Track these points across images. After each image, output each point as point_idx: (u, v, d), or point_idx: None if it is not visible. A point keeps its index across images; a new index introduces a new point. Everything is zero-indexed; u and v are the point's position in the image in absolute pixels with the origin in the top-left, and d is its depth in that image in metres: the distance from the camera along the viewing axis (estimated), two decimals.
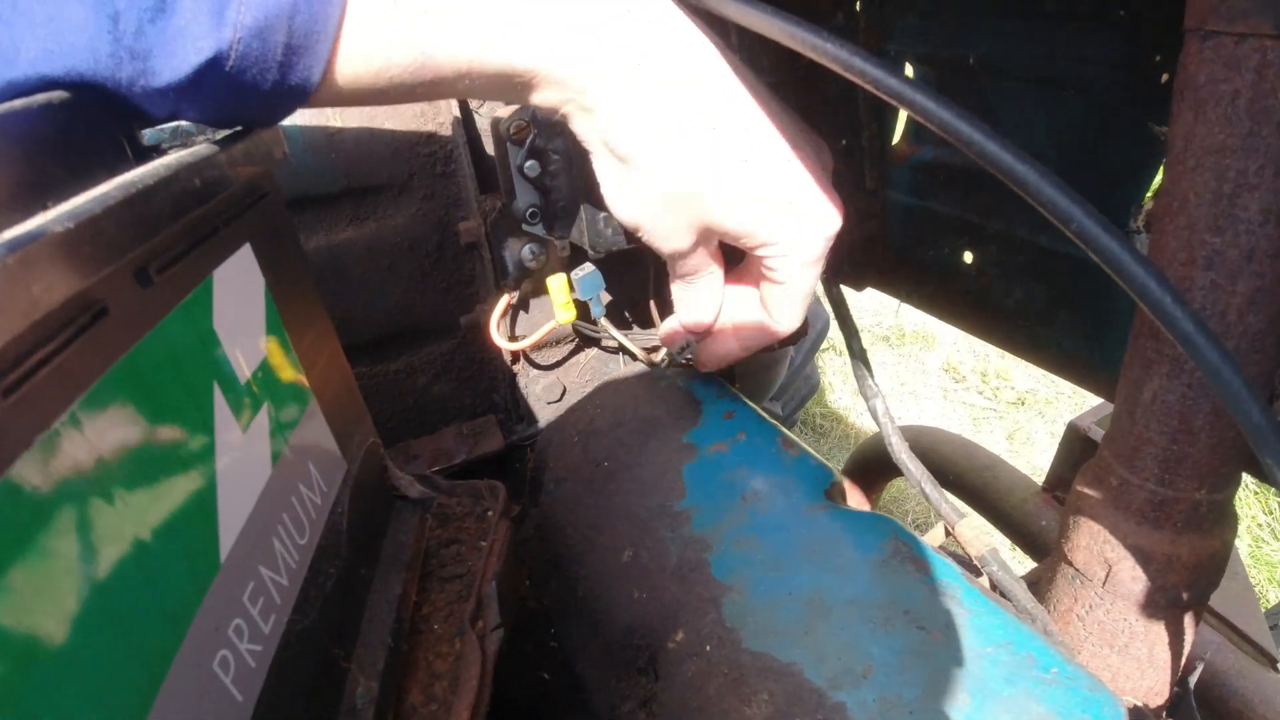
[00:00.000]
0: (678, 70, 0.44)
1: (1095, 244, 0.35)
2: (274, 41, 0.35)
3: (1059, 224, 0.36)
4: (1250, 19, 0.38)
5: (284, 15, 0.35)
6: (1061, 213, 0.36)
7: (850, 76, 0.39)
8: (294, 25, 0.35)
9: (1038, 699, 0.42)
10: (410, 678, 0.47)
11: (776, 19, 0.40)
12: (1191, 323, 0.33)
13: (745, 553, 0.53)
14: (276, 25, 0.35)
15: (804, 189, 0.49)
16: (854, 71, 0.38)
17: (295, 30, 0.35)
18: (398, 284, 0.75)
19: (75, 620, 0.25)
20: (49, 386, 0.25)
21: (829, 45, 0.39)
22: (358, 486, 0.48)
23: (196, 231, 0.35)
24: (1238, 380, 0.33)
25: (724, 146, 0.46)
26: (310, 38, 0.36)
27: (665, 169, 0.46)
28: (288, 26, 0.35)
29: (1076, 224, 0.35)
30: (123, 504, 0.28)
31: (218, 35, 0.34)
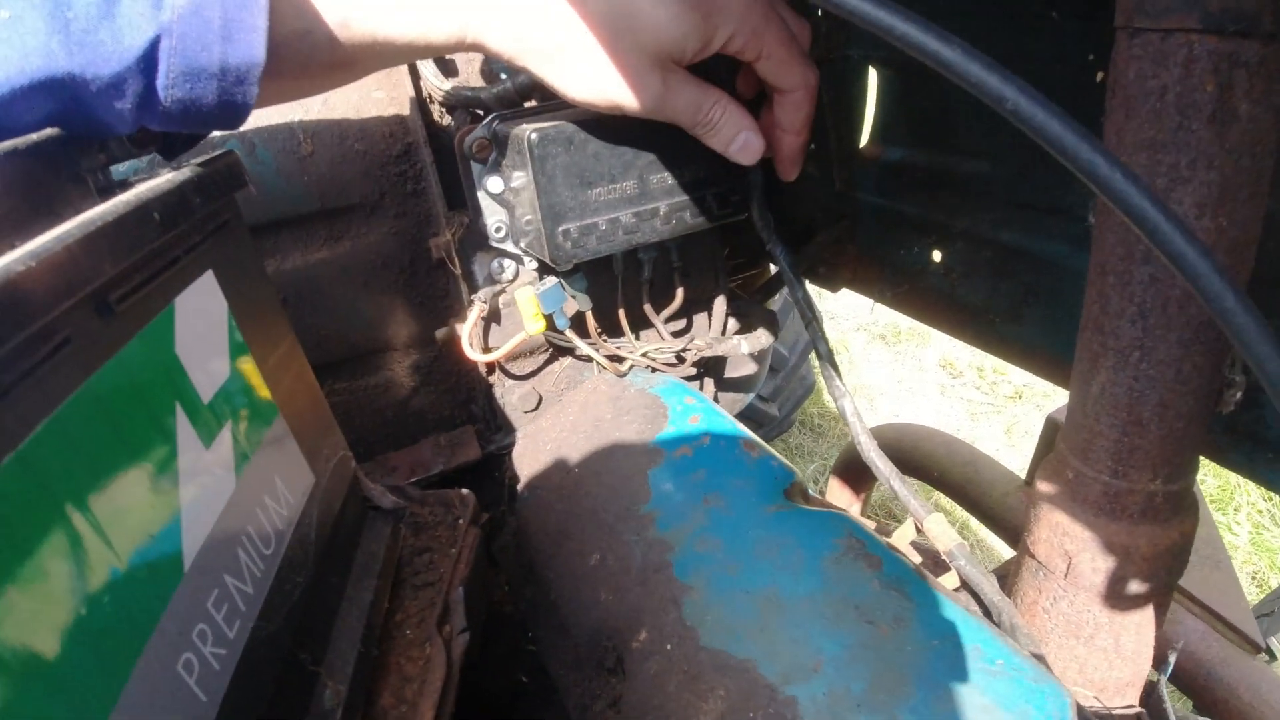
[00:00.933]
0: None
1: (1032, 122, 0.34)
2: (209, 16, 0.38)
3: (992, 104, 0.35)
4: (1176, 14, 0.39)
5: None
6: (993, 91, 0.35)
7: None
8: (227, 15, 0.38)
9: (982, 690, 0.43)
10: (383, 681, 0.48)
11: None
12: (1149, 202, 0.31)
13: (706, 553, 0.55)
14: (208, 11, 0.38)
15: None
16: None
17: (228, 4, 0.38)
18: (373, 300, 0.76)
19: (40, 628, 0.27)
20: (15, 411, 0.27)
21: None
22: (327, 499, 0.50)
23: (157, 261, 0.37)
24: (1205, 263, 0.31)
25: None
26: (243, 9, 0.39)
27: (583, 38, 0.49)
28: (220, 2, 0.38)
29: (1011, 103, 0.34)
30: (87, 521, 0.30)
31: (156, 17, 0.37)
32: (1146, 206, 0.31)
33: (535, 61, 0.50)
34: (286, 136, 0.69)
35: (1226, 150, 0.41)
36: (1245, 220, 0.44)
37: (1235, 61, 0.39)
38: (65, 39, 0.36)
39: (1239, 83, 0.40)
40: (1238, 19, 0.38)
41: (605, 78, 0.50)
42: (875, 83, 0.87)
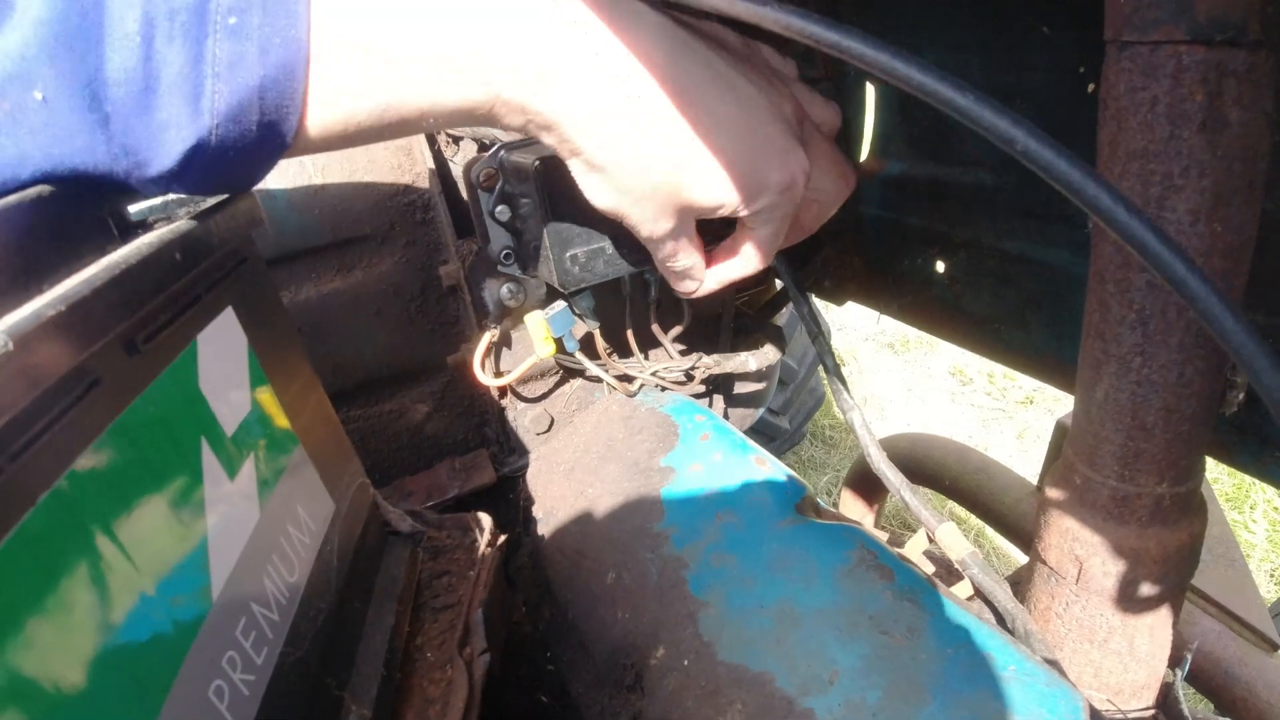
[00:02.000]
0: (628, 74, 0.46)
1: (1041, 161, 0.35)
2: (248, 121, 0.38)
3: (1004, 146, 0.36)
4: (1163, 26, 0.40)
5: (254, 95, 0.38)
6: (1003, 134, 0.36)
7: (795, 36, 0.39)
8: (265, 103, 0.38)
9: (996, 696, 0.44)
10: (406, 704, 0.49)
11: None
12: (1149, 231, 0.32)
13: (720, 568, 0.55)
14: (249, 106, 0.38)
15: (767, 156, 0.52)
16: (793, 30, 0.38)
17: (266, 107, 0.39)
18: (385, 328, 0.78)
19: (78, 659, 0.28)
20: (50, 451, 0.28)
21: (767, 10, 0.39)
22: (347, 525, 0.51)
23: (180, 301, 0.39)
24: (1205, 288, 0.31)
25: (684, 135, 0.48)
26: (280, 110, 0.39)
27: (633, 169, 0.49)
28: (259, 105, 0.38)
29: (1021, 144, 0.35)
30: (120, 552, 0.31)
31: (197, 124, 0.37)
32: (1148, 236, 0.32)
33: (578, 167, 0.50)
34: (297, 170, 0.71)
35: (1218, 157, 0.42)
36: (1240, 225, 0.44)
37: (1223, 70, 0.40)
38: (105, 135, 0.36)
39: (1228, 91, 0.41)
40: (1224, 29, 0.39)
41: (631, 204, 0.51)
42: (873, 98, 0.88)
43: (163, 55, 0.36)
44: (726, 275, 0.62)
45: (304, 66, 0.39)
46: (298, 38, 0.38)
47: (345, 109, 0.41)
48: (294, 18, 0.38)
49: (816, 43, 0.38)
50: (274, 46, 0.37)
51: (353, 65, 0.41)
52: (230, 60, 0.37)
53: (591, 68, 0.46)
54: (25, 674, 0.26)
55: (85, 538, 0.30)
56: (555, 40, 0.45)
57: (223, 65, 0.37)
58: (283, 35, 0.38)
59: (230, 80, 0.37)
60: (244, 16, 0.37)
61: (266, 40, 0.37)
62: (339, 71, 0.40)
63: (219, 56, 0.36)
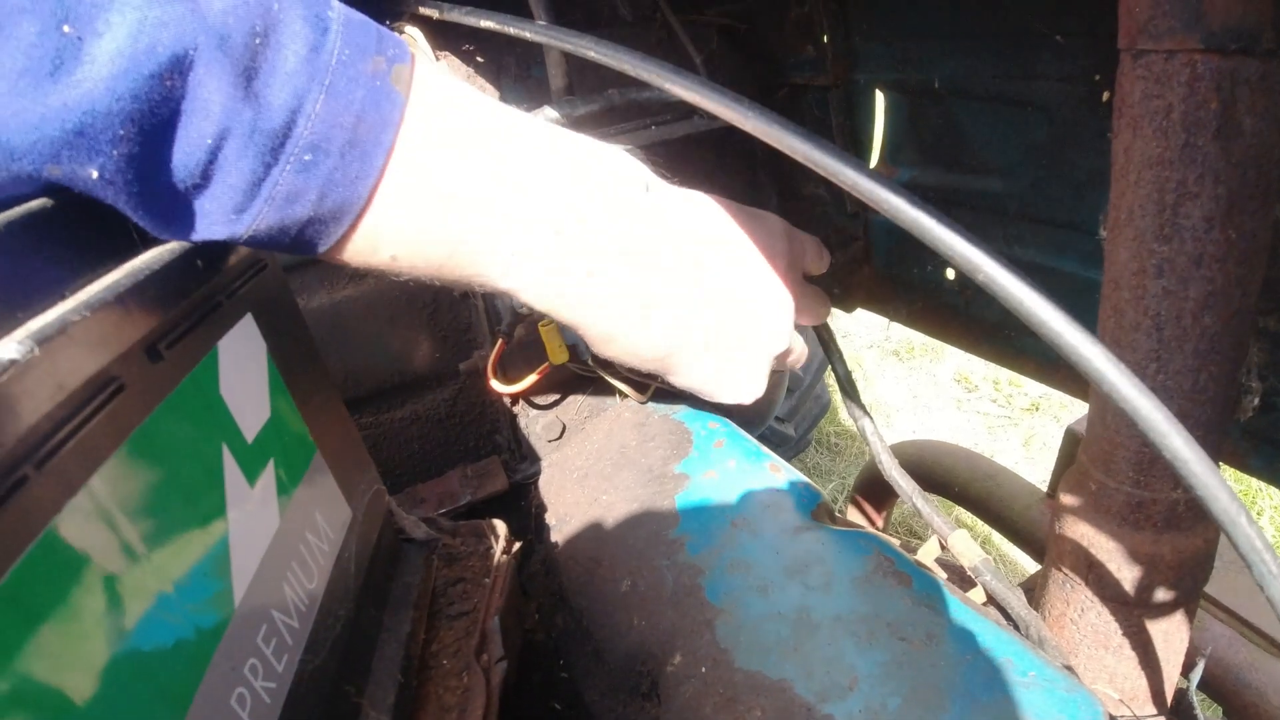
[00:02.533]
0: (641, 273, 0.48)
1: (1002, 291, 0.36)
2: (282, 239, 0.38)
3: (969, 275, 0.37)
4: (1178, 35, 0.40)
5: (296, 227, 0.37)
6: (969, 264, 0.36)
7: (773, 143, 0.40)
8: (302, 234, 0.38)
9: (1016, 702, 0.44)
10: (422, 711, 0.49)
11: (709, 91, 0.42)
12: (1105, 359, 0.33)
13: (736, 576, 0.55)
14: (286, 233, 0.37)
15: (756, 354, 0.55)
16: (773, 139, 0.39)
17: (304, 235, 0.38)
18: (398, 336, 0.78)
19: (102, 666, 0.28)
20: (75, 457, 0.28)
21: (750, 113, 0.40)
22: (364, 532, 0.51)
23: (201, 307, 0.39)
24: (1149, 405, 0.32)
25: (687, 335, 0.51)
26: (312, 244, 0.39)
27: (635, 361, 0.51)
28: (296, 235, 0.38)
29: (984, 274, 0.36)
30: (143, 558, 0.31)
31: (232, 228, 0.36)
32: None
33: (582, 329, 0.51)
34: None
35: (1232, 164, 0.42)
36: (1254, 231, 0.44)
37: (1237, 79, 0.40)
38: (145, 212, 0.34)
39: (1242, 99, 0.41)
40: (1238, 37, 0.39)
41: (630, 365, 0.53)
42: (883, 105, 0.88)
43: (228, 167, 0.34)
44: None
45: (355, 216, 0.38)
46: (361, 192, 0.37)
47: (385, 261, 0.41)
48: (367, 171, 0.37)
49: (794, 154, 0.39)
50: (335, 192, 0.37)
51: (404, 232, 0.40)
52: (289, 194, 0.36)
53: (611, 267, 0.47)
54: (48, 683, 0.26)
55: (109, 544, 0.30)
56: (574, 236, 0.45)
57: (280, 196, 0.36)
58: (349, 185, 0.37)
59: (281, 210, 0.36)
60: (319, 157, 0.35)
61: (331, 185, 0.36)
62: (390, 231, 0.40)
63: (279, 187, 0.35)
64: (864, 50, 0.86)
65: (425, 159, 0.39)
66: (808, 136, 0.39)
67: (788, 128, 0.39)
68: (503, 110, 0.44)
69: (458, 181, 0.40)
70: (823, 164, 0.38)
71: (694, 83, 0.43)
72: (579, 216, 0.45)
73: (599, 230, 0.46)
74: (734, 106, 0.41)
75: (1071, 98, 0.68)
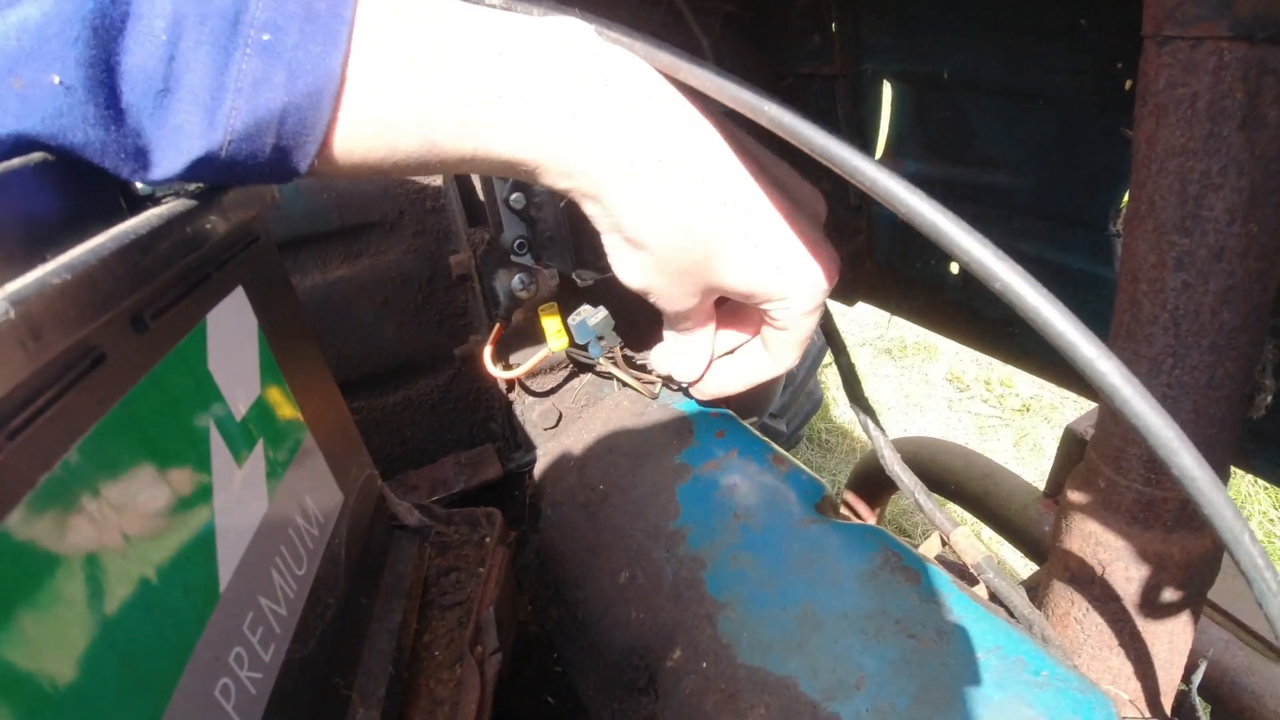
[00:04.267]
0: (675, 150, 0.45)
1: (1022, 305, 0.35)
2: (263, 142, 0.36)
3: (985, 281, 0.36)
4: (1205, 22, 0.39)
5: (274, 119, 0.36)
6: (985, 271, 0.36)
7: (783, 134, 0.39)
8: (283, 128, 0.36)
9: (1029, 702, 0.43)
10: (413, 704, 0.47)
11: (722, 81, 0.41)
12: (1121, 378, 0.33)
13: (739, 569, 0.54)
14: (266, 128, 0.36)
15: (803, 247, 0.51)
16: (784, 130, 0.38)
17: (284, 133, 0.36)
18: (393, 318, 0.76)
19: (79, 652, 0.26)
20: (51, 430, 0.27)
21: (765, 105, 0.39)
22: (355, 518, 0.49)
23: (189, 278, 0.37)
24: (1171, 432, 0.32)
25: (727, 218, 0.47)
26: (298, 138, 0.37)
27: (673, 248, 0.47)
28: (276, 129, 0.36)
29: (1000, 283, 0.35)
30: (124, 539, 0.29)
31: (209, 136, 0.35)
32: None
33: (615, 242, 0.49)
34: None
35: (1257, 156, 0.41)
36: (1276, 226, 0.44)
37: (1264, 69, 0.40)
38: (117, 131, 0.34)
39: (1268, 89, 0.40)
40: (1266, 26, 0.39)
41: (664, 284, 0.51)
42: (889, 96, 0.87)
43: (187, 59, 0.34)
44: (754, 375, 0.61)
45: (333, 99, 0.37)
46: (331, 68, 0.36)
47: (381, 145, 0.39)
48: (331, 45, 0.36)
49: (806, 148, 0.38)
50: (304, 73, 0.36)
51: (394, 101, 0.38)
52: (256, 79, 0.35)
53: (645, 136, 0.44)
54: (22, 668, 0.24)
55: (87, 523, 0.28)
56: (610, 102, 0.43)
57: (247, 82, 0.35)
58: (316, 63, 0.36)
59: (252, 99, 0.35)
60: (279, 36, 0.35)
61: (298, 65, 0.35)
62: (377, 105, 0.38)
63: (245, 72, 0.35)
64: (872, 40, 0.85)
65: (396, 26, 0.38)
66: (828, 133, 0.38)
67: (804, 122, 0.38)
68: None
69: (441, 43, 0.39)
70: (842, 161, 0.37)
71: (710, 72, 0.41)
72: (587, 74, 0.43)
73: (615, 80, 0.43)
74: (751, 100, 0.39)
75: (1082, 91, 0.67)
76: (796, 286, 0.51)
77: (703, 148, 0.46)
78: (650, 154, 0.44)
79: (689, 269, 0.49)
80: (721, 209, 0.47)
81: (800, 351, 0.58)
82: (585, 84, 0.43)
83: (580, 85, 0.42)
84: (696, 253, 0.48)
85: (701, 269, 0.49)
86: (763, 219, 0.49)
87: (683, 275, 0.49)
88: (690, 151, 0.46)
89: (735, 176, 0.47)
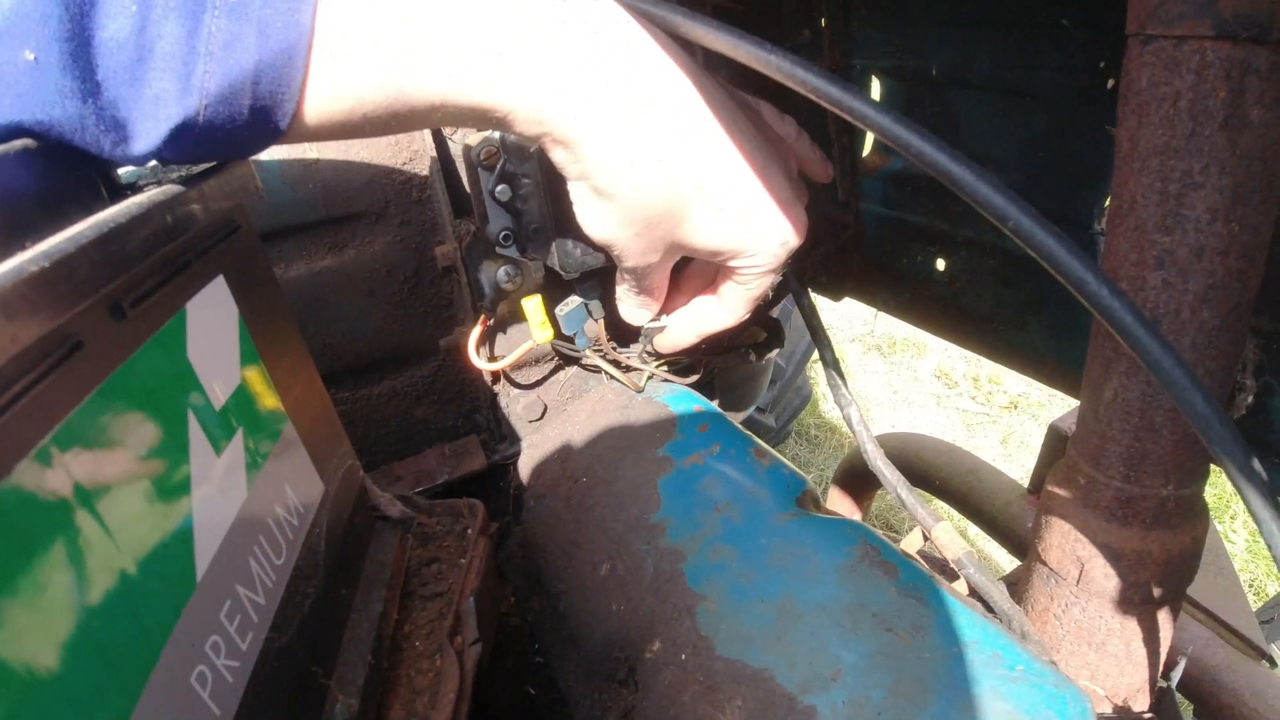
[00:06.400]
0: (648, 99, 0.45)
1: (1031, 240, 0.36)
2: (239, 104, 0.37)
3: (997, 222, 0.36)
4: (1188, 21, 0.39)
5: (247, 79, 0.36)
6: (998, 211, 0.36)
7: (802, 90, 0.39)
8: (258, 88, 0.37)
9: (1004, 696, 0.43)
10: (392, 694, 0.47)
11: (733, 38, 0.41)
12: (1130, 314, 0.34)
13: (719, 562, 0.54)
14: (241, 89, 0.36)
15: (768, 205, 0.51)
16: (804, 85, 0.39)
17: (260, 93, 0.37)
18: (377, 309, 0.76)
19: (54, 638, 0.26)
20: (27, 417, 0.27)
21: (785, 63, 0.39)
22: (336, 508, 0.49)
23: (169, 266, 0.37)
24: (1180, 370, 0.33)
25: (695, 173, 0.47)
26: (275, 97, 0.37)
27: (641, 199, 0.47)
28: (251, 89, 0.36)
29: (1013, 222, 0.36)
30: (99, 528, 0.29)
31: (185, 102, 0.35)
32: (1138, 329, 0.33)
33: (583, 192, 0.49)
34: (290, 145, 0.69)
35: (1238, 156, 0.41)
36: (1257, 225, 0.44)
37: (1247, 68, 0.40)
38: (94, 105, 0.34)
39: (1251, 89, 0.40)
40: (1250, 26, 0.39)
41: (629, 237, 0.50)
42: (878, 92, 0.87)
43: (158, 27, 0.34)
44: (707, 326, 0.62)
45: (305, 54, 0.37)
46: (300, 23, 0.36)
47: (350, 97, 0.39)
48: (299, 0, 0.36)
49: (817, 97, 0.38)
50: (274, 30, 0.36)
51: (363, 52, 0.39)
52: (226, 40, 0.35)
53: (617, 85, 0.44)
54: None
55: (62, 511, 0.28)
56: (581, 51, 0.43)
57: (217, 44, 0.35)
58: (285, 19, 0.36)
59: (224, 61, 0.35)
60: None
61: (266, 23, 0.36)
62: (347, 57, 0.38)
63: (214, 34, 0.35)
64: (861, 35, 0.85)
65: None
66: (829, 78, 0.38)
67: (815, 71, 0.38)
68: None
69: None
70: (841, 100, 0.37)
71: (716, 27, 0.41)
72: (562, 16, 0.42)
73: (590, 29, 0.43)
74: (757, 51, 0.40)
75: (1071, 89, 0.67)
76: (763, 244, 0.52)
77: (676, 98, 0.46)
78: (623, 102, 0.44)
79: (655, 222, 0.49)
80: (692, 162, 0.47)
81: (753, 307, 0.59)
82: (563, 29, 0.43)
83: (557, 30, 0.42)
84: (664, 204, 0.48)
85: (667, 223, 0.49)
86: (729, 176, 0.49)
87: (648, 228, 0.49)
88: (664, 102, 0.46)
89: (707, 131, 0.48)
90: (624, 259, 0.53)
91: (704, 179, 0.48)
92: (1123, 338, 0.33)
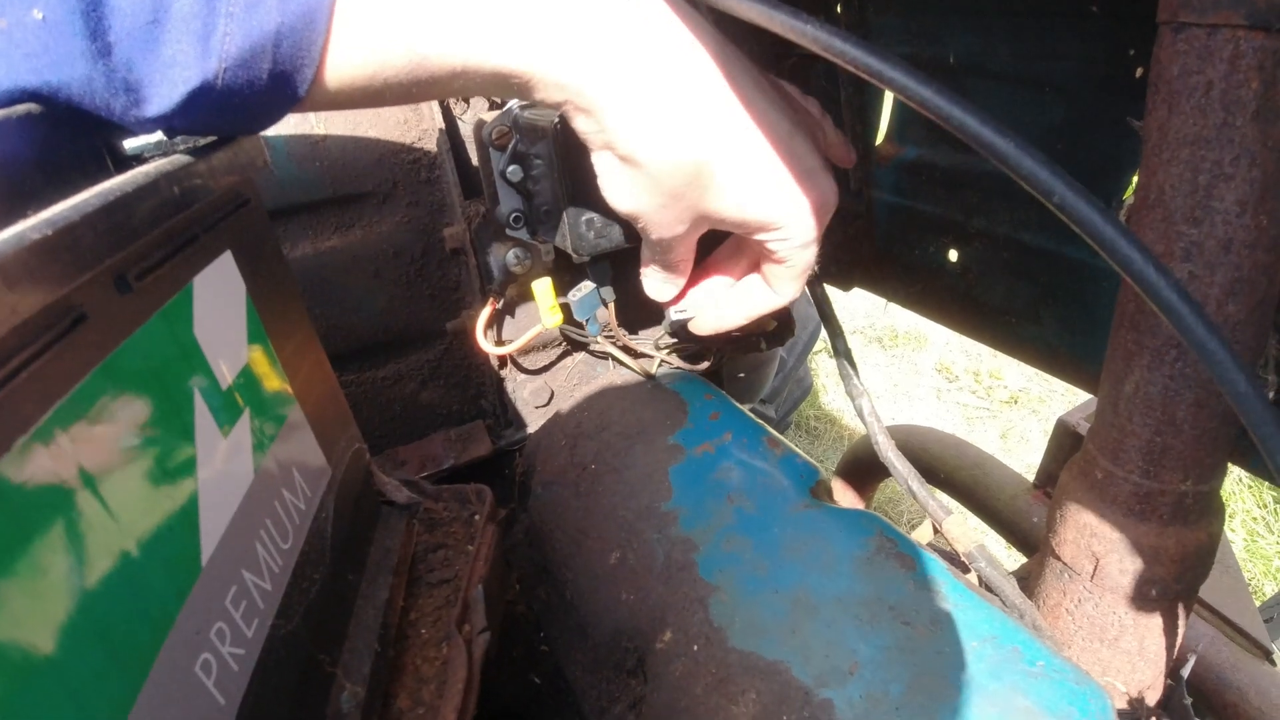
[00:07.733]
0: (673, 66, 0.44)
1: (1076, 215, 0.35)
2: (259, 68, 0.35)
3: (1041, 197, 0.35)
4: (1222, 10, 0.38)
5: (268, 42, 0.35)
6: (1042, 185, 0.35)
7: (831, 57, 0.38)
8: (279, 51, 0.35)
9: (1024, 692, 0.42)
10: (398, 682, 0.47)
11: (767, 7, 0.40)
12: (1175, 293, 0.33)
13: (732, 552, 0.53)
14: (261, 52, 0.35)
15: (798, 173, 0.50)
16: (834, 52, 0.38)
17: (280, 56, 0.36)
18: (384, 291, 0.75)
19: (54, 623, 0.25)
20: (28, 391, 0.25)
21: (809, 27, 0.38)
22: (343, 492, 0.48)
23: (176, 239, 0.36)
24: (1224, 352, 0.32)
25: (722, 141, 0.46)
26: (295, 61, 0.36)
27: (667, 167, 0.46)
28: (272, 53, 0.35)
29: (1058, 197, 0.35)
30: (102, 508, 0.28)
31: (203, 65, 0.34)
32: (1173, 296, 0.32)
33: (607, 161, 0.47)
34: (298, 120, 0.68)
35: (1269, 147, 0.41)
36: None
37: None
38: (105, 66, 0.33)
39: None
40: None
41: (655, 208, 0.49)
42: None
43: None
44: (757, 307, 0.60)
45: (327, 16, 0.36)
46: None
47: (372, 62, 0.38)
48: None
49: (855, 67, 0.37)
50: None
51: (385, 16, 0.37)
52: (247, 2, 0.34)
53: (642, 52, 0.43)
54: None
55: (63, 492, 0.27)
56: (605, 17, 0.42)
57: (238, 6, 0.34)
58: None
59: (244, 23, 0.34)
60: None
61: None
62: (369, 20, 0.37)
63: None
64: (879, 22, 0.83)
65: None
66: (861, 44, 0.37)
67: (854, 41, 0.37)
68: None
69: None
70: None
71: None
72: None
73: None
74: (793, 21, 0.38)
75: (1091, 79, 0.66)
76: (792, 216, 0.50)
77: (702, 66, 0.45)
78: (648, 68, 0.43)
79: (682, 191, 0.48)
80: (718, 129, 0.46)
81: (802, 283, 0.57)
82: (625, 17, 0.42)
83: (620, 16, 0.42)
84: (691, 172, 0.47)
85: (694, 192, 0.48)
86: (757, 144, 0.48)
87: (675, 198, 0.48)
88: (689, 69, 0.45)
89: (733, 99, 0.47)
90: (650, 230, 0.52)
91: (731, 146, 0.47)
92: (1166, 316, 0.32)
